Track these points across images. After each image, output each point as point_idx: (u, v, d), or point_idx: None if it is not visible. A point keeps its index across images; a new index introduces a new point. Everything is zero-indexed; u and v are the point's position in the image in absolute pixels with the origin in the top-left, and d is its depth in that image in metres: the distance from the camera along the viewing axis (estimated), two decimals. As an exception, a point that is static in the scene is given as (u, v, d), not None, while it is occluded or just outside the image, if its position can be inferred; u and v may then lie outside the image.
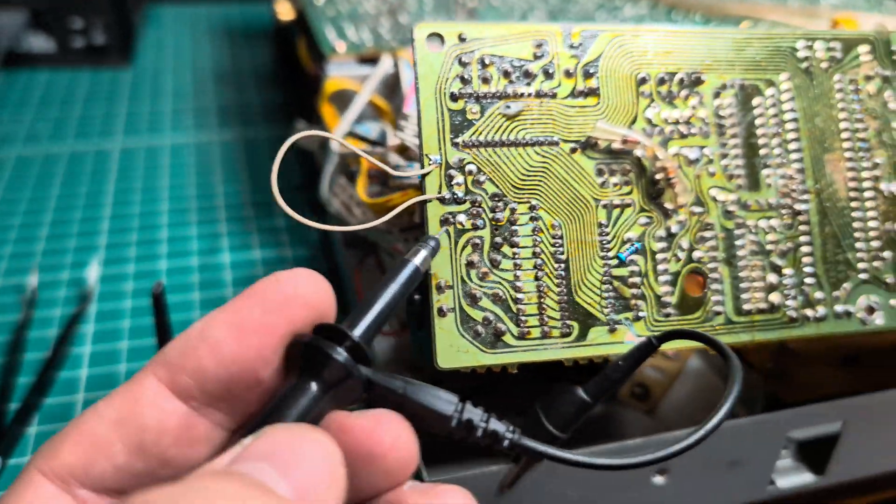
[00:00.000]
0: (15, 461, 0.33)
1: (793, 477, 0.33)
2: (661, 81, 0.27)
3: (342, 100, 0.41)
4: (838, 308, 0.28)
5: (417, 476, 0.29)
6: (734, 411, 0.36)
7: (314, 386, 0.18)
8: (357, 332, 0.19)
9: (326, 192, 0.38)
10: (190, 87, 0.66)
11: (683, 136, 0.27)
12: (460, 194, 0.25)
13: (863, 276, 0.28)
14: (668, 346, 0.25)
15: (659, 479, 0.30)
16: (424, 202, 0.25)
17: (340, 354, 0.18)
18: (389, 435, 0.18)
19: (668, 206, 0.26)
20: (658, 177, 0.26)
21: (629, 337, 0.26)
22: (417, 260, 0.22)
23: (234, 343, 0.18)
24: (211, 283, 0.44)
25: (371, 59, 0.43)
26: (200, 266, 0.45)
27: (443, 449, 0.32)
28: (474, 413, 0.19)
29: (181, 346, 0.18)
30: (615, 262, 0.26)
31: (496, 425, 0.20)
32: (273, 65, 0.70)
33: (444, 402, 0.19)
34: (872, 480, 0.34)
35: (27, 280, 0.42)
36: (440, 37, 0.25)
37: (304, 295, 0.19)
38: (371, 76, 0.41)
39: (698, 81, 0.27)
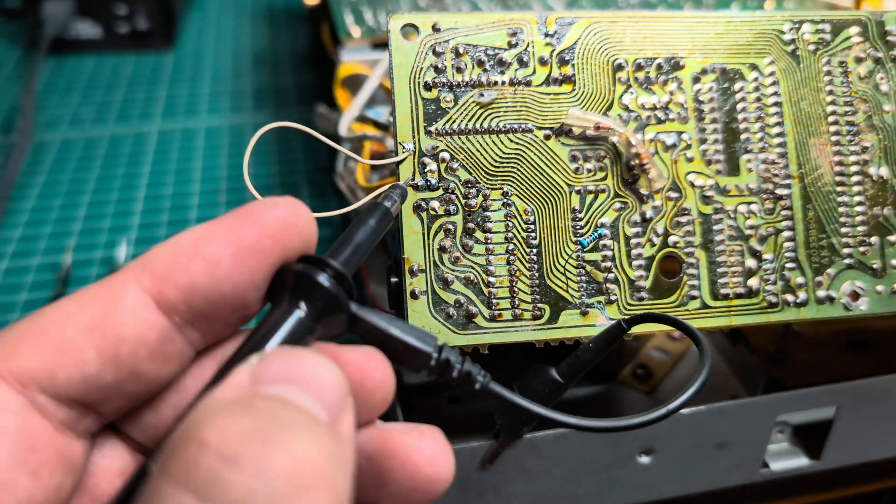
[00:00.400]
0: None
1: (788, 461, 0.33)
2: (639, 67, 0.27)
3: (356, 84, 0.42)
4: (820, 293, 0.28)
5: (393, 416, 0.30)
6: (734, 394, 0.36)
7: (305, 312, 0.18)
8: (341, 265, 0.19)
9: (338, 176, 0.39)
10: (229, 69, 0.68)
11: (661, 122, 0.27)
12: (433, 181, 0.26)
13: (847, 261, 0.28)
14: (638, 330, 0.26)
15: (644, 459, 0.31)
16: (399, 189, 0.26)
17: (332, 284, 0.18)
18: (379, 370, 0.19)
19: (644, 191, 0.27)
20: (633, 163, 0.26)
21: (601, 320, 0.26)
22: (388, 203, 0.23)
23: (231, 262, 0.17)
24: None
25: (385, 44, 0.44)
26: (225, 245, 0.47)
27: (424, 420, 0.33)
28: (452, 353, 0.20)
29: (171, 258, 0.17)
30: (592, 243, 0.26)
31: (470, 367, 0.20)
32: (309, 48, 0.71)
33: (426, 340, 0.20)
34: (871, 467, 0.34)
35: (62, 258, 0.45)
36: (415, 27, 0.26)
37: (298, 224, 0.18)
38: (382, 61, 0.42)
39: (677, 66, 0.27)
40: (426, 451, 0.19)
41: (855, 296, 0.28)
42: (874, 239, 0.28)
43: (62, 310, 0.17)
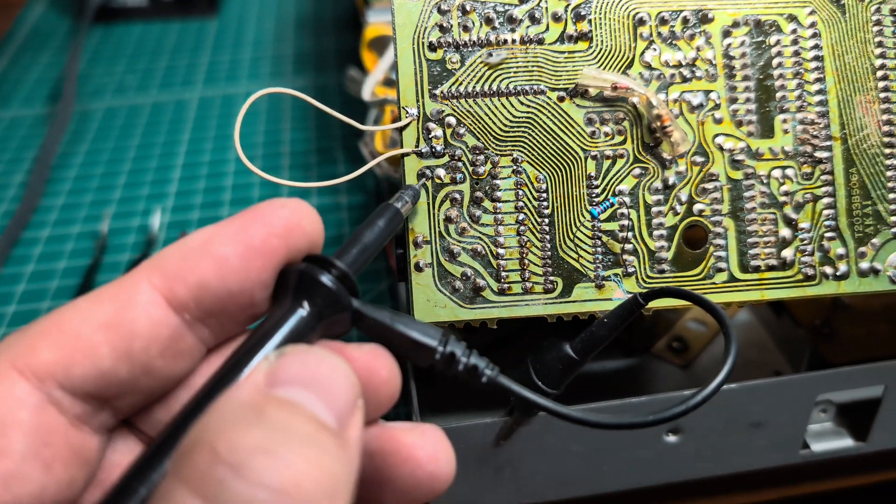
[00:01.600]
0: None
1: (831, 442, 0.31)
2: (663, 21, 0.25)
3: (383, 45, 0.41)
4: (863, 265, 0.25)
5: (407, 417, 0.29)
6: (777, 369, 0.34)
7: (308, 311, 0.18)
8: (346, 264, 0.19)
9: (361, 141, 0.38)
10: (271, 34, 0.67)
11: (686, 80, 0.25)
12: (438, 148, 0.24)
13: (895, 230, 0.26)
14: (656, 305, 0.24)
15: (672, 438, 0.29)
16: (403, 156, 0.25)
17: (334, 282, 0.18)
18: (385, 367, 0.19)
19: (666, 156, 0.25)
20: (654, 125, 0.25)
21: (618, 294, 0.25)
22: (398, 204, 0.23)
23: (239, 261, 0.18)
24: (267, 230, 0.45)
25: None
26: (259, 213, 0.47)
27: (439, 400, 0.32)
28: (457, 347, 0.20)
29: (181, 257, 0.18)
30: (603, 216, 0.25)
31: (477, 360, 0.20)
32: (351, 9, 0.70)
33: (430, 334, 0.19)
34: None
35: (100, 227, 0.45)
36: (419, -16, 0.24)
37: (303, 224, 0.19)
38: (410, 21, 0.40)
39: (706, 19, 0.25)
40: (428, 448, 0.19)
41: (903, 268, 0.26)
42: (926, 205, 0.26)
43: (78, 307, 0.17)
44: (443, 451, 0.19)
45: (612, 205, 0.24)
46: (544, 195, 0.25)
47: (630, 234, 0.25)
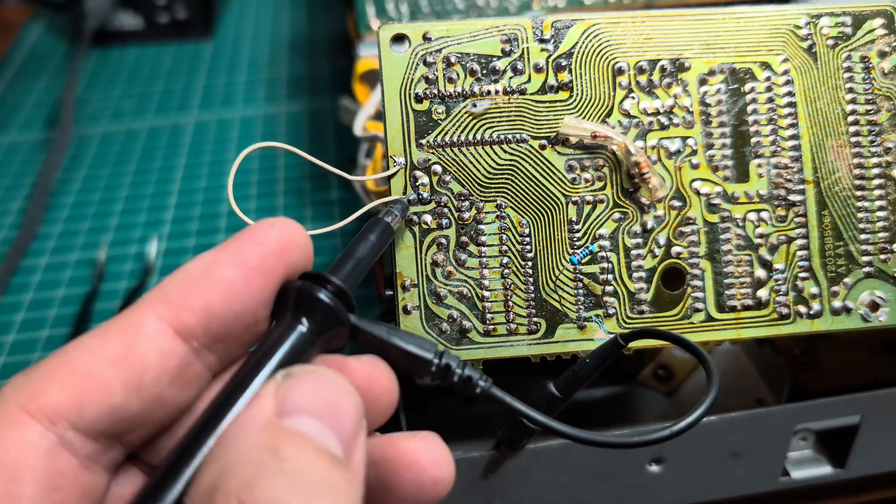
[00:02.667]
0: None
1: (810, 469, 0.32)
2: (641, 70, 0.26)
3: (375, 79, 0.42)
4: (836, 304, 0.26)
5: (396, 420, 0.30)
6: (759, 397, 0.35)
7: (308, 327, 0.19)
8: (341, 279, 0.20)
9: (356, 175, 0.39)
10: (266, 57, 0.68)
11: (664, 127, 0.26)
12: (425, 195, 0.25)
13: (867, 269, 0.27)
14: (637, 345, 0.25)
15: (654, 468, 0.30)
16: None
17: (331, 298, 0.19)
18: (385, 376, 0.20)
19: (645, 201, 0.26)
20: (633, 171, 0.25)
21: (599, 334, 0.26)
22: (388, 218, 0.23)
23: (241, 282, 0.18)
24: (262, 257, 0.46)
25: (405, 36, 0.43)
26: (254, 239, 0.47)
27: (428, 429, 0.33)
28: (452, 359, 0.20)
29: (184, 285, 0.18)
30: (583, 260, 0.26)
31: (471, 372, 0.21)
32: (346, 33, 0.71)
33: (426, 347, 0.20)
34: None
35: (97, 254, 0.46)
36: (406, 37, 0.25)
37: (296, 241, 0.19)
38: (400, 55, 0.41)
39: (682, 68, 0.26)
40: (430, 454, 0.20)
41: (874, 306, 0.27)
42: (896, 246, 0.27)
43: (85, 345, 0.17)
44: (444, 456, 0.20)
45: (591, 252, 0.25)
46: (527, 239, 0.26)
47: (610, 276, 0.26)
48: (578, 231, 0.26)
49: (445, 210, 0.25)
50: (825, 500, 0.34)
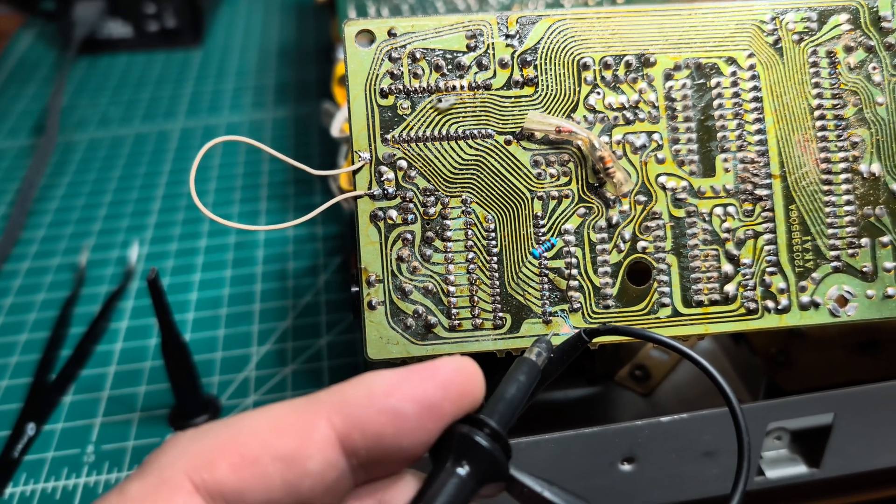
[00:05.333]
0: (49, 427, 0.37)
1: (785, 468, 0.32)
2: (606, 66, 0.26)
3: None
4: (804, 298, 0.26)
5: None
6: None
7: (467, 473, 0.19)
8: (500, 425, 0.20)
9: (330, 177, 0.39)
10: (254, 65, 0.68)
11: (629, 122, 0.26)
12: (391, 190, 0.25)
13: (835, 264, 0.26)
14: (602, 340, 0.25)
15: (626, 467, 0.30)
16: (356, 198, 0.25)
17: (495, 448, 0.19)
18: None
19: (610, 195, 0.26)
20: (598, 167, 0.25)
21: (565, 329, 0.26)
22: (534, 357, 0.23)
23: (416, 419, 0.18)
24: (244, 261, 0.46)
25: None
26: (236, 244, 0.47)
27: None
28: None
29: (365, 404, 0.18)
30: (548, 254, 0.26)
31: None
32: (331, 41, 0.71)
33: None
34: (874, 476, 0.32)
35: (78, 259, 0.46)
36: (370, 33, 0.25)
37: (474, 391, 0.19)
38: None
39: (648, 63, 0.26)
40: None
41: (843, 301, 0.26)
42: (864, 240, 0.27)
43: (258, 432, 0.18)
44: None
45: (553, 245, 0.25)
46: (493, 234, 0.26)
47: (575, 270, 0.26)
48: (544, 226, 0.26)
49: (411, 205, 0.25)
50: (803, 501, 0.33)
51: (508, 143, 0.26)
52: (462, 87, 0.26)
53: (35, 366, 0.40)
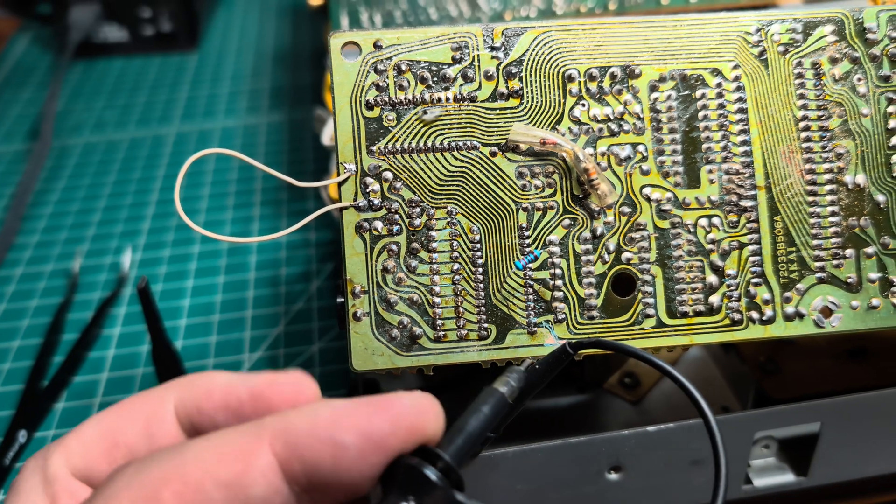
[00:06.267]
0: (41, 433, 0.37)
1: (773, 477, 0.32)
2: (591, 77, 0.26)
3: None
4: (789, 309, 0.26)
5: None
6: (725, 405, 0.35)
7: None
8: (452, 456, 0.19)
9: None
10: (249, 69, 0.68)
11: (614, 134, 0.26)
12: (376, 201, 0.25)
13: (819, 275, 0.27)
14: (588, 352, 0.25)
15: (613, 476, 0.30)
16: (342, 209, 0.26)
17: (441, 480, 0.19)
18: None
19: (595, 207, 0.26)
20: (582, 178, 0.26)
21: (550, 340, 0.26)
22: (503, 389, 0.23)
23: (356, 454, 0.18)
24: (236, 267, 0.46)
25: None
26: (229, 250, 0.48)
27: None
28: None
29: (305, 431, 0.18)
30: (533, 265, 0.26)
31: None
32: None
33: None
34: (862, 484, 0.32)
35: (71, 264, 0.46)
36: (356, 45, 0.26)
37: (427, 429, 0.19)
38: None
39: (633, 75, 0.26)
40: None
41: (828, 312, 0.27)
42: (849, 251, 0.27)
43: (200, 459, 0.18)
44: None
45: (537, 257, 0.25)
46: (478, 245, 0.26)
47: (560, 281, 0.26)
48: (529, 237, 0.26)
49: (396, 216, 0.25)
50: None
51: (493, 154, 0.26)
52: (447, 99, 0.26)
53: (27, 372, 0.40)
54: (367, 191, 0.25)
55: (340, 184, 0.25)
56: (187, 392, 0.21)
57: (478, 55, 0.26)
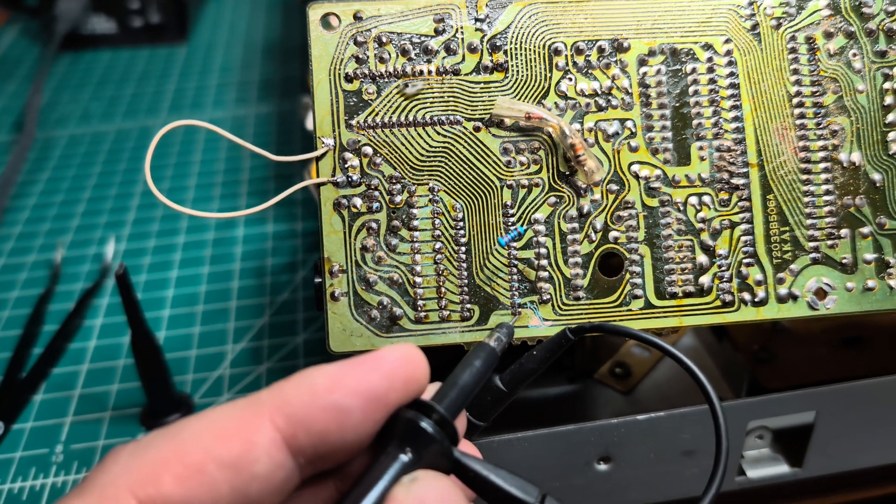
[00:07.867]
0: (18, 426, 0.36)
1: (767, 468, 0.31)
2: (578, 51, 0.25)
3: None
4: (782, 291, 0.26)
5: None
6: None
7: (410, 458, 0.18)
8: (447, 409, 0.20)
9: (305, 169, 0.38)
10: (239, 61, 0.68)
11: (602, 109, 0.25)
12: (355, 177, 0.25)
13: (813, 255, 0.26)
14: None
15: (603, 466, 0.29)
16: (319, 185, 0.25)
17: (437, 431, 0.19)
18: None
19: (581, 184, 0.25)
20: (568, 154, 0.25)
21: (534, 321, 0.25)
22: (493, 343, 0.23)
23: (361, 413, 0.18)
24: (221, 258, 0.45)
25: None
26: (215, 240, 0.47)
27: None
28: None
29: (307, 402, 0.18)
30: (517, 243, 0.25)
31: None
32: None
33: (528, 491, 0.20)
34: (857, 475, 0.31)
35: (54, 255, 0.45)
36: (336, 16, 0.25)
37: (419, 376, 0.19)
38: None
39: (622, 48, 0.25)
40: None
41: (822, 293, 0.26)
42: (844, 231, 0.26)
43: (200, 440, 0.17)
44: None
45: (521, 234, 0.25)
46: (461, 224, 0.25)
47: (545, 261, 0.25)
48: (513, 216, 0.25)
49: (376, 193, 0.25)
50: (785, 501, 0.33)
51: (477, 129, 0.25)
52: (430, 72, 0.25)
53: (6, 364, 0.39)
54: (346, 166, 0.25)
55: (318, 159, 0.25)
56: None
57: (461, 27, 0.25)
